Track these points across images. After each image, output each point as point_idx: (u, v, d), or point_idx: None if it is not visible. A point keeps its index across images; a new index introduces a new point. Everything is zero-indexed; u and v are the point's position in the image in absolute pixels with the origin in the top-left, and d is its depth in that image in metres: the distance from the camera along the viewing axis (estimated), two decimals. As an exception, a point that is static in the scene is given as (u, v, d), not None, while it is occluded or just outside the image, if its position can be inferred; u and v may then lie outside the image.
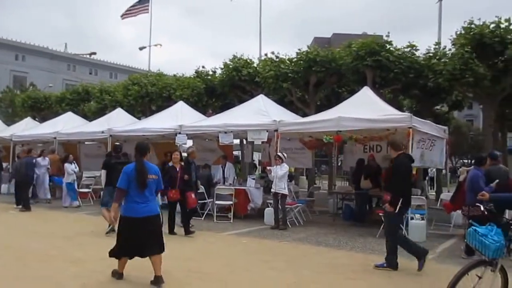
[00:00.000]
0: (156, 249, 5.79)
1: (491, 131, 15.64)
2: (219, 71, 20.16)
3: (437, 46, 15.83)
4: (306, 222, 12.38)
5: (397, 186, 7.09)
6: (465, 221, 11.17)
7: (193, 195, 10.08)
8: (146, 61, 69.85)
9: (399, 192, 7.04)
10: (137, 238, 5.73)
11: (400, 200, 6.96)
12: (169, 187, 9.70)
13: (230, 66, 18.71)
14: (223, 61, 19.23)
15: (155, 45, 37.75)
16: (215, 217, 12.22)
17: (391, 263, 7.05)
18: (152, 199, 5.88)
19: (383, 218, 8.44)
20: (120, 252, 5.93)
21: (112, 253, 6.00)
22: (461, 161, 49.89)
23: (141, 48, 38.07)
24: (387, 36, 15.62)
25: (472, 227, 4.67)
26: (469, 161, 47.35)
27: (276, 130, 12.16)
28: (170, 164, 10.28)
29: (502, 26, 13.59)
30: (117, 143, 11.30)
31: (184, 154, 11.56)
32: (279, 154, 11.33)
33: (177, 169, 9.93)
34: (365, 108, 11.30)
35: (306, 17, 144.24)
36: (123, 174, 5.78)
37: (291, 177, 21.17)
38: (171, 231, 9.85)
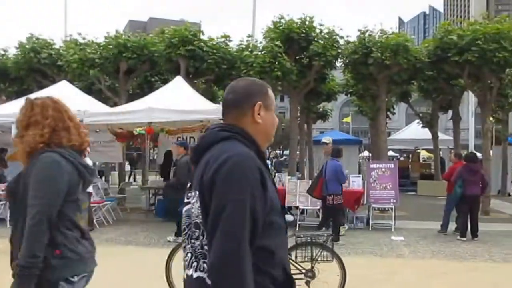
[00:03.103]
0: None
1: (297, 123, 17.23)
2: (13, 51, 18.33)
3: (249, 39, 16.81)
4: (116, 221, 12.07)
5: None
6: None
7: None
8: None
9: None
10: None
11: None
12: None
13: (27, 47, 17.16)
14: (19, 41, 17.57)
15: None
16: None
17: None
18: None
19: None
20: None
21: None
22: (274, 151, 53.84)
23: None
24: (200, 25, 16.03)
25: None
26: (281, 151, 51.49)
27: (81, 121, 11.56)
28: None
29: (307, 23, 15.03)
30: None
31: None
32: None
33: None
34: (177, 99, 11.46)
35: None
36: None
37: (100, 172, 20.51)
38: None
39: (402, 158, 35.18)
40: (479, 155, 13.68)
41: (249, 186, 1.70)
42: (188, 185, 1.93)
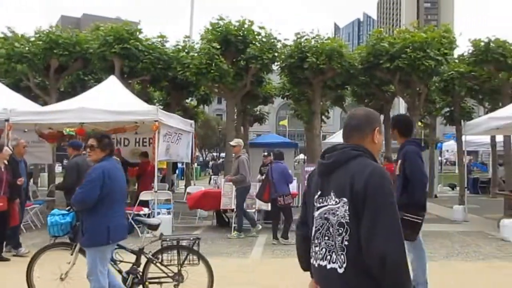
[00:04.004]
0: None
1: (234, 125, 17.33)
2: None
3: (186, 39, 16.72)
4: (44, 224, 11.59)
5: None
6: (213, 213, 12.25)
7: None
8: None
9: None
10: None
11: None
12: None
13: None
14: None
15: None
16: None
17: None
18: None
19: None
20: None
21: None
22: (211, 154, 53.70)
23: None
24: (138, 23, 15.73)
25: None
26: (218, 154, 51.48)
27: (7, 120, 11.05)
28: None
29: (246, 26, 15.16)
30: None
31: None
32: None
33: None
34: (111, 99, 11.19)
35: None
36: None
37: (28, 174, 19.64)
38: None
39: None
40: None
41: (391, 190, 2.22)
42: (319, 193, 2.40)
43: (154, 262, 5.37)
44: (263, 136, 31.15)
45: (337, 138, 27.91)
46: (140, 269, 5.34)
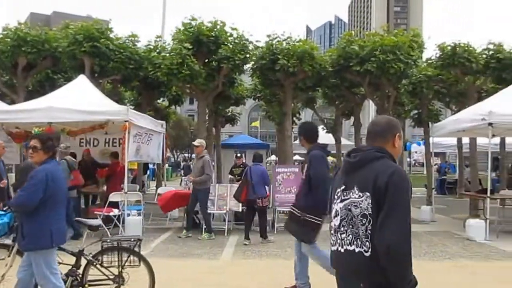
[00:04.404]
0: None
1: (206, 126, 17.23)
2: None
3: (158, 39, 16.55)
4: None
5: None
6: (184, 214, 12.16)
7: None
8: None
9: None
10: None
11: None
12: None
13: None
14: None
15: None
16: None
17: None
18: None
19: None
20: None
21: None
22: (183, 155, 53.40)
23: None
24: (109, 22, 15.54)
25: None
26: (190, 155, 51.17)
27: (-28, 119, 10.78)
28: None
29: (218, 27, 15.10)
30: None
31: None
32: None
33: None
34: (80, 98, 11.01)
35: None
36: None
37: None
38: None
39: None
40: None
41: (409, 190, 2.60)
42: (343, 187, 2.78)
43: (94, 264, 5.27)
44: (235, 137, 31.15)
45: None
46: (80, 271, 5.22)
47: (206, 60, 15.09)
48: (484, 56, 15.23)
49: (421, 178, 28.84)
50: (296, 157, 33.87)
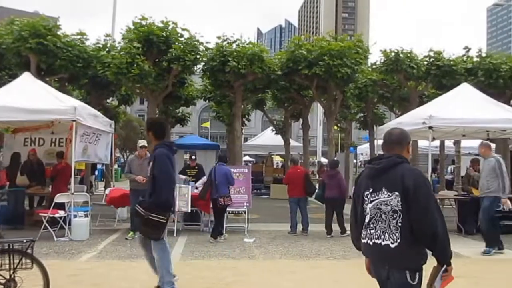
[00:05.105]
0: None
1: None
2: None
3: (107, 38, 16.23)
4: None
5: None
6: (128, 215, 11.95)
7: None
8: None
9: None
10: None
11: None
12: None
13: None
14: None
15: None
16: None
17: None
18: None
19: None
20: None
21: None
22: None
23: None
24: (57, 19, 15.11)
25: None
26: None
27: None
28: None
29: (169, 27, 14.96)
30: None
31: None
32: None
33: None
34: (26, 96, 10.61)
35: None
36: None
37: None
38: None
39: (256, 163, 36.43)
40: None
41: (430, 186, 3.31)
42: (371, 190, 3.28)
43: None
44: (185, 137, 30.89)
45: (258, 140, 28.31)
46: None
47: (157, 60, 14.95)
48: (426, 62, 15.86)
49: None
50: (247, 158, 34.09)
